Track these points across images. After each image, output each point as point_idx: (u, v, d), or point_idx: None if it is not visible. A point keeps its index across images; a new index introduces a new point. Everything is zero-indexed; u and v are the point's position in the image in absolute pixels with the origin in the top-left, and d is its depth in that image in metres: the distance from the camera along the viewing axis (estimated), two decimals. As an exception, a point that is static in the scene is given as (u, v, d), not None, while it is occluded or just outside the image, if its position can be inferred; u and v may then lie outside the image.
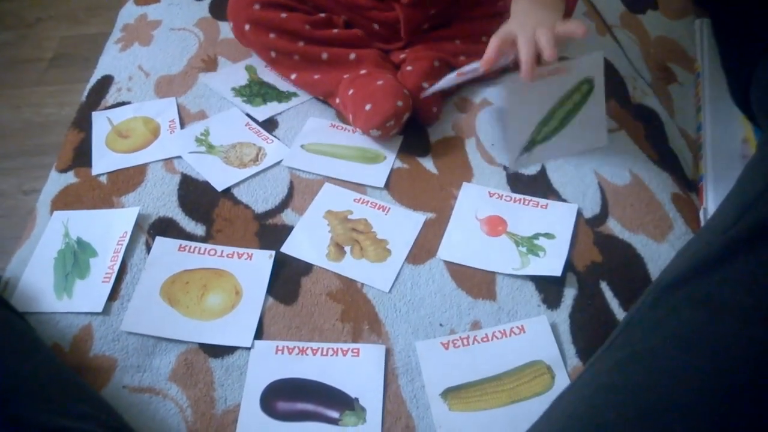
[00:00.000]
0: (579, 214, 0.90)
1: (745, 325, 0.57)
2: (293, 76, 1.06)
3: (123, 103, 1.07)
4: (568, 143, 0.98)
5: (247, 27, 1.05)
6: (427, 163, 0.98)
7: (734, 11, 1.03)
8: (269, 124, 1.03)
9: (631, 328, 0.65)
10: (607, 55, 1.13)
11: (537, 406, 0.69)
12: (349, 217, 0.91)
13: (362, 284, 0.84)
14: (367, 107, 0.96)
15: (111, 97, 1.08)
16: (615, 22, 1.23)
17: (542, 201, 0.92)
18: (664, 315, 0.62)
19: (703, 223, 0.90)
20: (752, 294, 0.58)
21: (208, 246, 0.87)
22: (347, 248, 0.87)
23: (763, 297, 0.58)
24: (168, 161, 0.97)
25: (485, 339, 0.79)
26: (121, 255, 0.85)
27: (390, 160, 0.98)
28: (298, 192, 0.94)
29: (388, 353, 0.78)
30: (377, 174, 0.96)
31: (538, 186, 0.95)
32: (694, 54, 1.16)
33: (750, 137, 0.99)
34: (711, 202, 0.91)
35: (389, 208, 0.92)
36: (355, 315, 0.81)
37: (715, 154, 0.97)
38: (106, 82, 1.12)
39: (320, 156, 0.98)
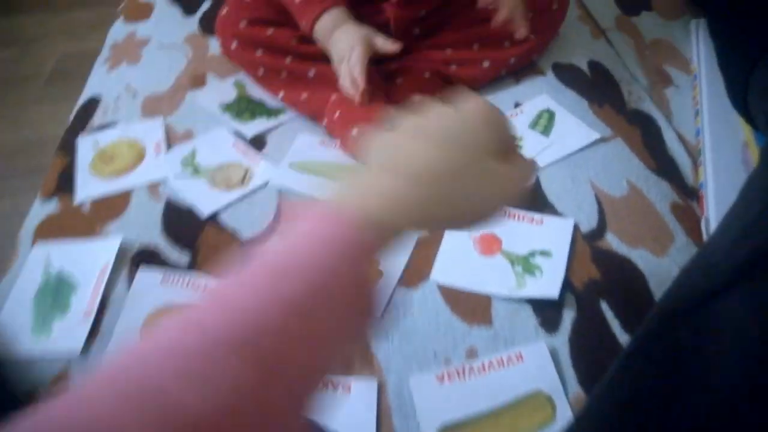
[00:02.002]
0: (576, 228, 0.82)
1: (752, 360, 0.49)
2: (281, 94, 0.97)
3: (109, 125, 0.99)
4: (556, 149, 0.91)
5: (234, 44, 0.97)
6: (420, 180, 0.89)
7: (731, 11, 0.94)
8: (257, 142, 0.95)
9: (633, 362, 0.57)
10: (602, 60, 1.05)
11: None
12: (339, 239, 0.82)
13: (353, 310, 0.75)
14: (354, 131, 0.87)
15: (98, 119, 1.00)
16: (610, 25, 1.14)
17: (537, 216, 0.83)
18: (668, 348, 0.54)
19: (704, 234, 0.81)
20: (759, 324, 0.50)
21: (193, 276, 0.78)
22: (337, 273, 0.79)
23: None
24: (153, 186, 0.89)
25: (482, 369, 0.70)
26: (102, 289, 0.77)
27: (381, 177, 0.89)
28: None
29: (381, 388, 0.69)
30: (367, 193, 0.87)
31: (532, 201, 0.86)
32: (691, 56, 1.06)
33: (750, 141, 0.90)
34: (712, 211, 0.82)
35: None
36: (346, 345, 0.73)
37: (715, 160, 0.88)
38: (93, 103, 1.03)
39: (309, 175, 0.90)
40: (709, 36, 1.00)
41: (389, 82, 0.98)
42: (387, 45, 0.89)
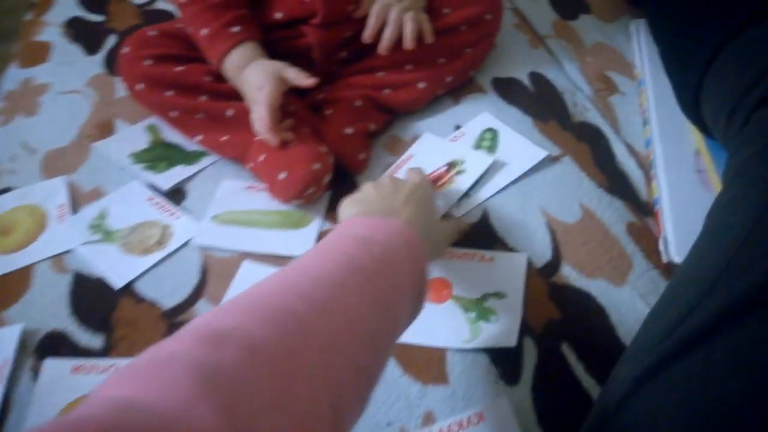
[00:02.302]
0: (529, 264, 0.76)
1: (737, 416, 0.44)
2: (199, 138, 0.89)
3: (5, 190, 0.88)
4: (503, 174, 0.85)
5: (140, 86, 0.88)
6: (358, 221, 0.82)
7: (673, 11, 0.88)
8: (176, 195, 0.86)
9: (608, 424, 0.51)
10: (543, 70, 1.00)
11: None
12: (273, 300, 0.74)
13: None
14: (282, 176, 0.80)
15: (-8, 185, 0.89)
16: (548, 32, 1.08)
17: (487, 253, 0.77)
18: (641, 411, 0.48)
19: (663, 255, 0.75)
20: (737, 377, 0.45)
21: (109, 361, 0.69)
22: (273, 340, 0.71)
23: (748, 378, 0.45)
24: (57, 258, 0.79)
25: (441, 437, 0.63)
26: (2, 388, 0.67)
27: (317, 222, 0.82)
28: (212, 276, 0.77)
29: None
30: (303, 241, 0.80)
31: (480, 236, 0.79)
32: (634, 59, 1.01)
33: (702, 149, 0.85)
34: (669, 228, 0.77)
35: (318, 283, 0.76)
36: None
37: (668, 172, 0.83)
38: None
39: (236, 227, 0.82)
40: (651, 37, 0.95)
41: (318, 114, 0.90)
42: (300, 78, 0.81)
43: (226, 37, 0.83)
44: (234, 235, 0.80)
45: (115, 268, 0.77)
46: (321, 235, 0.80)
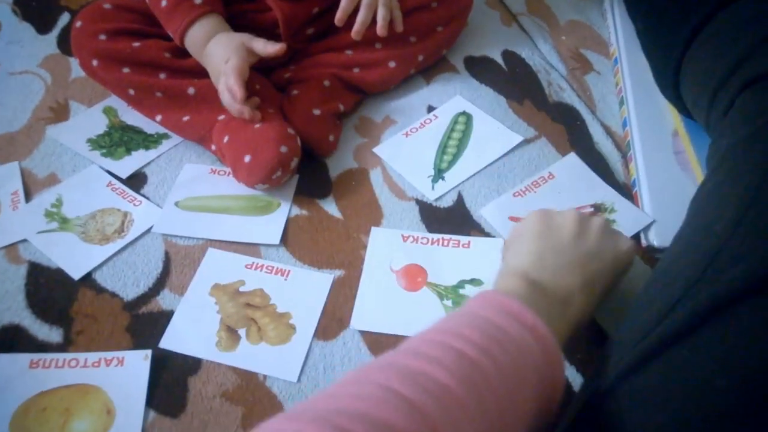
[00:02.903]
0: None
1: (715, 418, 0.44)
2: (159, 118, 0.85)
3: (-48, 178, 0.83)
4: (477, 157, 0.84)
5: (95, 62, 0.84)
6: (329, 206, 0.80)
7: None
8: (137, 180, 0.82)
9: (589, 415, 0.50)
10: (516, 48, 0.98)
11: None
12: (241, 289, 0.72)
13: (264, 376, 0.65)
14: (247, 159, 0.77)
15: (-63, 172, 0.85)
16: (521, 9, 1.06)
17: (464, 239, 0.75)
18: (618, 410, 0.47)
19: (642, 239, 0.74)
20: (724, 369, 0.44)
21: (68, 356, 0.66)
22: (242, 331, 0.68)
23: (737, 369, 0.44)
24: (11, 248, 0.75)
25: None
26: (-45, 386, 0.64)
27: (285, 207, 0.79)
28: (175, 265, 0.74)
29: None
30: (271, 228, 0.77)
31: (456, 220, 0.78)
32: (608, 37, 1.00)
33: (680, 130, 0.84)
34: (647, 210, 0.76)
35: (289, 271, 0.73)
36: (260, 418, 0.62)
37: (645, 153, 0.82)
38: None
39: (199, 213, 0.79)
40: (629, 17, 0.94)
41: (284, 94, 0.87)
42: (268, 47, 0.78)
43: (188, 9, 0.79)
44: (198, 222, 0.78)
45: (73, 257, 0.74)
46: (288, 222, 0.78)
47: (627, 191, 0.80)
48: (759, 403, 0.42)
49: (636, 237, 0.74)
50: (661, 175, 0.79)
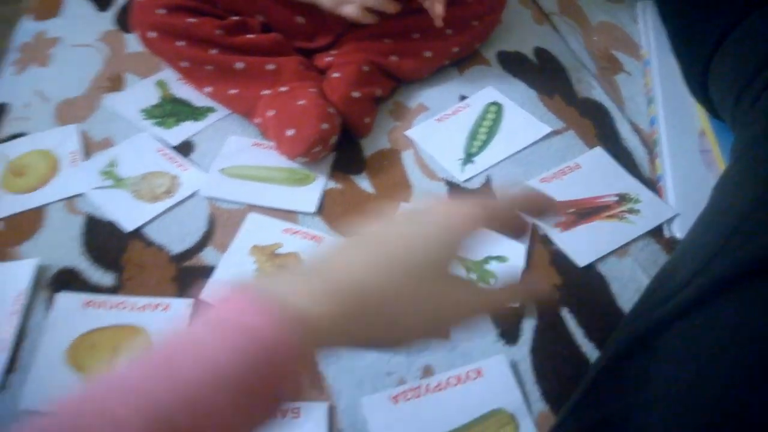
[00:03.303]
0: (532, 230, 0.78)
1: (732, 379, 0.47)
2: (208, 90, 0.91)
3: (19, 135, 0.90)
4: (507, 144, 0.87)
5: (152, 35, 0.90)
6: (363, 182, 0.84)
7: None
8: (184, 148, 0.88)
9: (605, 382, 0.54)
10: (547, 46, 1.02)
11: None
12: (278, 251, 0.77)
13: (295, 329, 0.70)
14: (290, 133, 0.82)
15: (5, 129, 0.91)
16: (553, 9, 1.10)
17: (491, 218, 0.79)
18: (641, 369, 0.51)
19: (666, 231, 0.78)
20: (736, 343, 0.47)
21: (118, 299, 0.72)
22: (277, 289, 0.73)
23: (747, 346, 0.47)
24: (70, 200, 0.81)
25: (438, 387, 0.66)
26: (18, 318, 0.69)
27: (321, 180, 0.84)
28: (219, 226, 0.79)
29: (332, 411, 0.64)
30: (307, 198, 0.82)
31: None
32: (639, 40, 1.04)
33: (707, 129, 0.88)
34: (672, 205, 0.80)
35: (323, 238, 0.78)
36: (287, 366, 0.67)
37: (672, 151, 0.86)
38: (0, 111, 0.94)
39: (242, 181, 0.84)
40: (660, 20, 0.98)
41: (326, 76, 0.93)
42: None
43: None
44: (241, 188, 0.83)
45: (126, 212, 0.79)
46: (324, 194, 0.83)
47: (652, 185, 0.83)
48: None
49: (659, 229, 0.78)
50: (686, 172, 0.83)
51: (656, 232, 0.78)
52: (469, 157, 0.86)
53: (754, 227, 0.52)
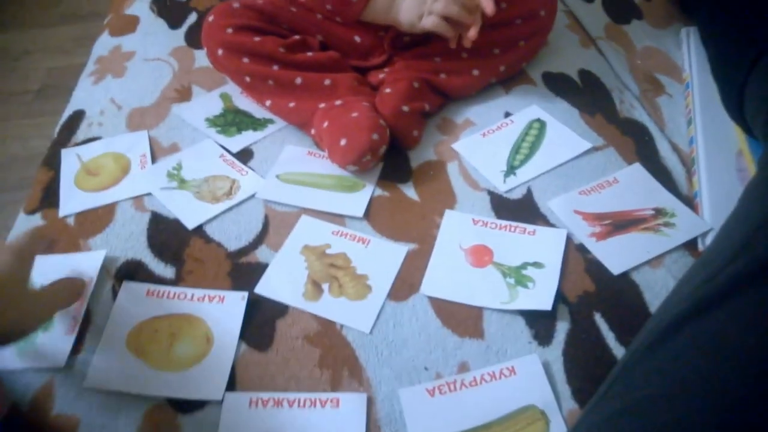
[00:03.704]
0: (569, 239, 0.81)
1: (751, 371, 0.48)
2: (268, 103, 0.97)
3: (93, 139, 0.97)
4: (548, 158, 0.91)
5: (220, 52, 0.96)
6: (409, 190, 0.89)
7: (722, 18, 0.93)
8: (244, 155, 0.94)
9: (628, 374, 0.56)
10: (592, 68, 1.05)
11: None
12: (327, 251, 0.81)
13: (341, 325, 0.74)
14: (342, 142, 0.87)
15: (81, 133, 0.99)
16: (600, 34, 1.14)
17: (529, 227, 0.83)
18: (663, 361, 0.53)
19: (700, 244, 0.80)
20: (756, 337, 0.49)
21: (178, 289, 0.77)
22: (325, 286, 0.78)
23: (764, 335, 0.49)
24: (138, 199, 0.88)
25: (473, 383, 0.69)
26: (85, 303, 0.75)
27: (369, 188, 0.89)
28: (273, 226, 0.84)
29: (370, 402, 0.68)
30: (356, 203, 0.86)
31: (524, 211, 0.85)
32: (682, 64, 1.06)
33: (744, 149, 0.89)
34: (708, 221, 0.81)
35: (369, 240, 0.82)
36: (334, 360, 0.72)
37: (709, 169, 0.88)
38: (78, 117, 1.02)
39: (296, 186, 0.89)
40: (701, 44, 1.00)
41: (378, 92, 0.97)
42: None
43: None
44: (294, 193, 0.88)
45: (189, 211, 0.85)
46: (371, 200, 0.87)
47: (689, 202, 0.85)
48: None
49: (693, 242, 0.80)
50: (722, 190, 0.84)
51: (690, 245, 0.79)
52: (511, 170, 0.90)
53: None
